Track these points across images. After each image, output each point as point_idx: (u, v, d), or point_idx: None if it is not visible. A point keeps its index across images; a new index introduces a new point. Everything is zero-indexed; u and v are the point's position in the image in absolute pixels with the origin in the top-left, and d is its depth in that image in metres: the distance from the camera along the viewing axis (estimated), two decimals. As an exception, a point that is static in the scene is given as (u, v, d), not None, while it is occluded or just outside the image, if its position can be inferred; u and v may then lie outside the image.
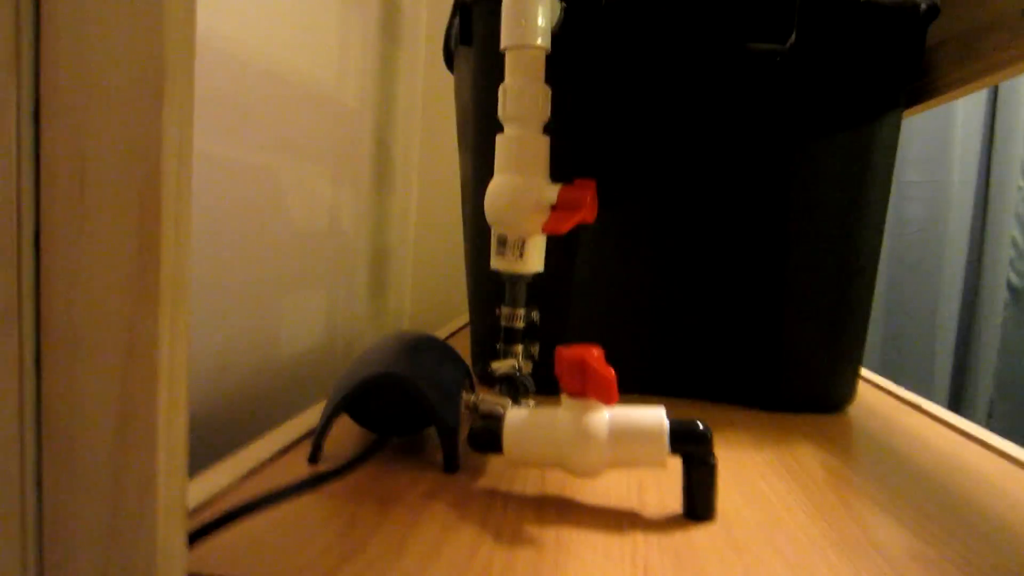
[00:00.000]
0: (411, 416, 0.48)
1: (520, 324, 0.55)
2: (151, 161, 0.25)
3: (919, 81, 0.70)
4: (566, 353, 0.40)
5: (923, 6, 0.61)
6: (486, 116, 0.64)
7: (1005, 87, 1.56)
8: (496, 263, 0.53)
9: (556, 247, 0.56)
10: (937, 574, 0.36)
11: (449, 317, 1.25)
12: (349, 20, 1.00)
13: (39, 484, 0.27)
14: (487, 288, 0.68)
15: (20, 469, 0.27)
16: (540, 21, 0.51)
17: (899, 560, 0.37)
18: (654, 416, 0.40)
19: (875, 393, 0.77)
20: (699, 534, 0.39)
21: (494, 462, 0.48)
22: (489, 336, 0.67)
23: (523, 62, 0.52)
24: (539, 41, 0.51)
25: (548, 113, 0.53)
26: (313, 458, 0.45)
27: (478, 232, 0.69)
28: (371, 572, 0.33)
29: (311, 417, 0.56)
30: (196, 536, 0.34)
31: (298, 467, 0.45)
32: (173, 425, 0.27)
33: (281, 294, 0.80)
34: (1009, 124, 1.56)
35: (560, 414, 0.41)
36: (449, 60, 0.85)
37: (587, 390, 0.39)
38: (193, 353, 0.59)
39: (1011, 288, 1.60)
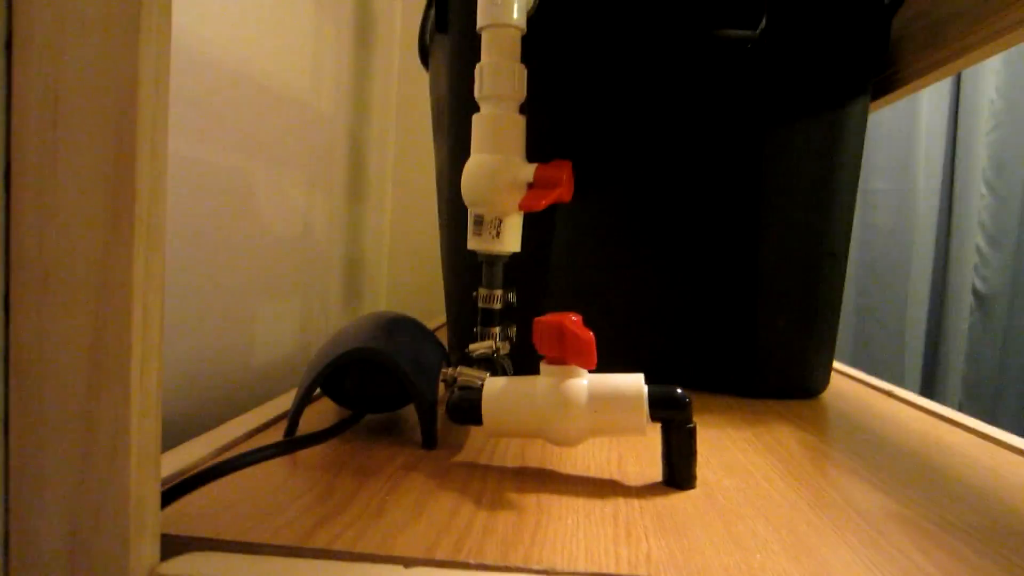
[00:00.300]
0: (388, 392, 0.48)
1: (498, 305, 0.54)
2: (127, 93, 0.25)
3: (885, 72, 0.72)
4: (544, 320, 0.40)
5: (887, -2, 0.62)
6: (463, 102, 0.64)
7: (966, 98, 1.61)
8: (473, 243, 0.53)
9: (532, 232, 0.57)
10: (915, 531, 0.36)
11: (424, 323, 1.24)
12: (323, 27, 1.00)
13: (6, 428, 0.26)
14: (463, 277, 0.68)
15: (-14, 414, 0.26)
16: (516, 0, 0.52)
17: (877, 519, 0.37)
18: (633, 382, 0.40)
19: (848, 382, 0.78)
20: (680, 499, 0.39)
21: (473, 438, 0.48)
22: (466, 325, 0.66)
23: (499, 41, 0.52)
24: (515, 19, 0.52)
25: (524, 92, 0.53)
26: (289, 433, 0.44)
27: (454, 220, 0.69)
28: (350, 532, 0.32)
29: (286, 402, 0.55)
30: (169, 498, 0.33)
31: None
32: (147, 369, 0.27)
33: (254, 300, 0.79)
34: (971, 133, 1.60)
35: (539, 381, 0.40)
36: (424, 56, 0.85)
37: (566, 355, 0.39)
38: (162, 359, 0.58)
39: (976, 294, 1.64)
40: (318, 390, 0.48)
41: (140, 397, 0.27)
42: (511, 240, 0.54)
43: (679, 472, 0.40)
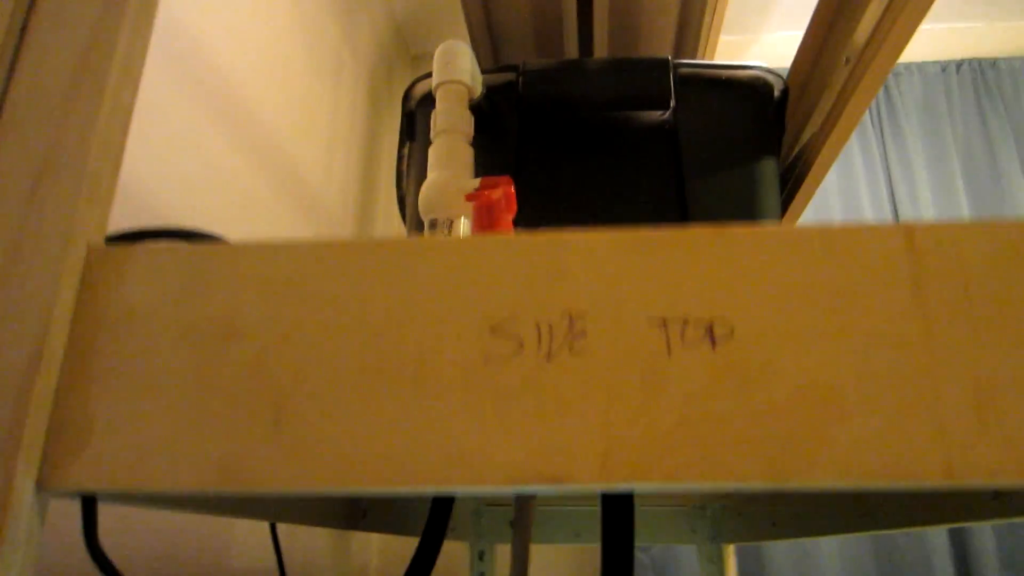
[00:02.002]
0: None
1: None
2: None
3: (796, 168, 0.84)
4: (476, 199, 0.45)
5: (776, 90, 0.76)
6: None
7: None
8: (428, 245, 0.59)
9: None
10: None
11: None
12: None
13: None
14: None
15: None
16: (463, 65, 0.65)
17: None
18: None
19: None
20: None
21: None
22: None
23: (450, 92, 0.64)
24: (463, 78, 0.64)
25: (471, 132, 0.64)
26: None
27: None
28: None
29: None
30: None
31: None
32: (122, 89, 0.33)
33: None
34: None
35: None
36: (402, 205, 0.98)
37: (494, 216, 0.44)
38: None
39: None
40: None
41: (111, 105, 0.32)
42: (461, 239, 0.60)
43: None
